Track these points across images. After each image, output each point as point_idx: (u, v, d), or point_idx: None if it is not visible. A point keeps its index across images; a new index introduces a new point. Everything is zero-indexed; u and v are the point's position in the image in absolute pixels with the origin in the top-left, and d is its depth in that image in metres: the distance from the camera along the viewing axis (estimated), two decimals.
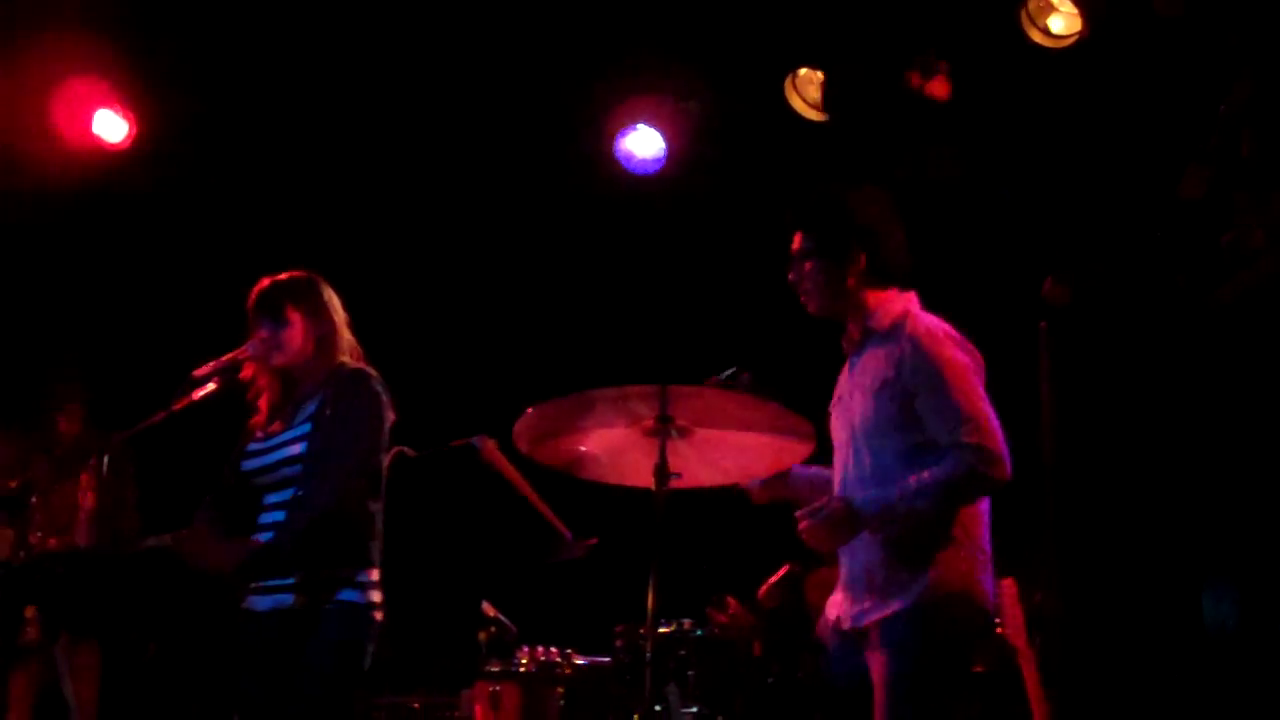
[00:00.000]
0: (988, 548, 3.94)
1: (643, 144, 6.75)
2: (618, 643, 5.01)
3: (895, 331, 3.96)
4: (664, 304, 6.69)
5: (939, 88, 5.77)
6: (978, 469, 3.75)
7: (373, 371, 4.52)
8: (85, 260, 6.89)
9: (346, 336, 4.61)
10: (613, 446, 3.76)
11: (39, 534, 5.23)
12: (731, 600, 5.08)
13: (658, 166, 6.76)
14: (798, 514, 3.90)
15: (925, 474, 3.74)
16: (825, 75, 6.30)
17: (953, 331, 3.97)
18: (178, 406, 4.55)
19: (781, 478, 4.12)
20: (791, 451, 3.80)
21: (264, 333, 4.53)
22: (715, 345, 4.69)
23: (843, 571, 4.02)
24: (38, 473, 5.59)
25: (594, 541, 4.58)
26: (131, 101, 6.66)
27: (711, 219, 6.73)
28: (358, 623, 4.38)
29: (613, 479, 3.91)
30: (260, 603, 4.40)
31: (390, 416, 4.51)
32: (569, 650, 5.12)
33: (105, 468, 4.70)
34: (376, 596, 4.43)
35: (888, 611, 3.80)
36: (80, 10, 6.23)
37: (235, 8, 6.33)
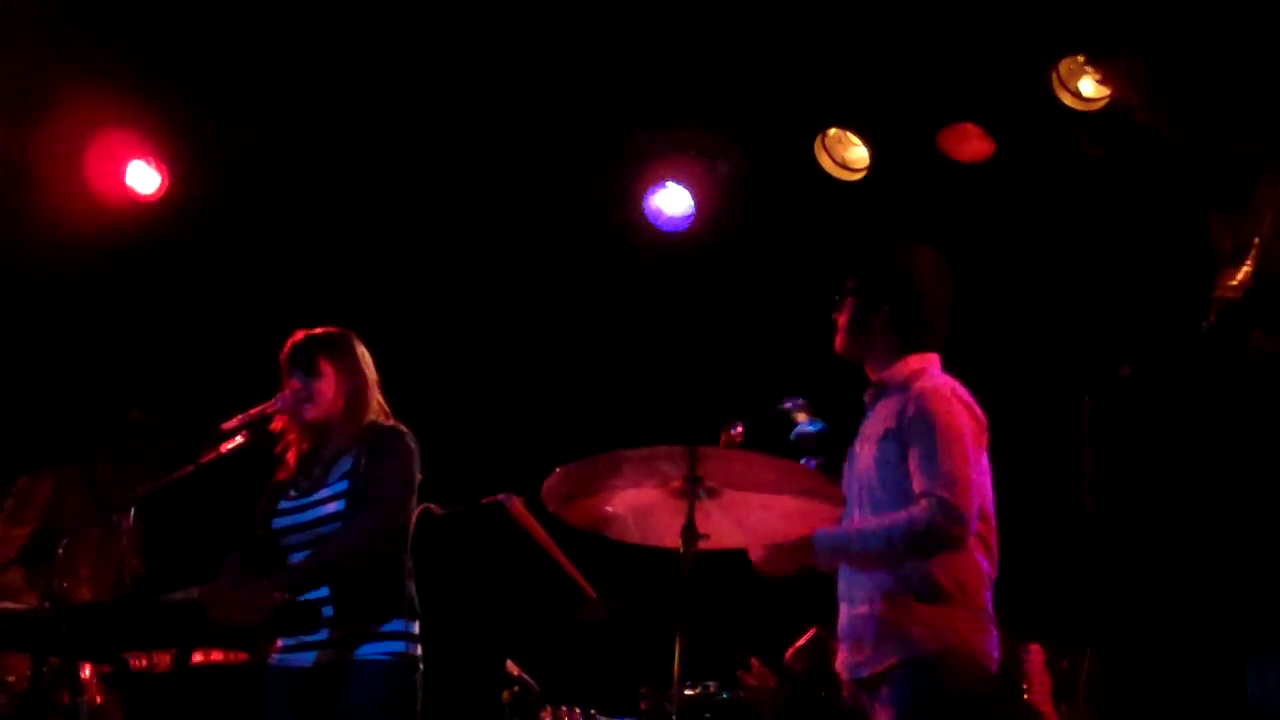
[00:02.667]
0: (988, 607, 4.01)
1: (671, 202, 6.76)
2: (642, 705, 4.97)
3: (906, 385, 4.10)
4: (693, 363, 6.68)
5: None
6: (938, 522, 3.85)
7: (406, 429, 4.53)
8: (118, 311, 6.92)
9: (376, 394, 4.62)
10: (640, 507, 3.74)
11: (66, 583, 5.22)
12: (756, 663, 5.04)
13: (686, 224, 6.76)
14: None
15: (888, 516, 3.81)
16: (864, 137, 6.33)
17: (962, 392, 4.09)
18: (205, 459, 4.56)
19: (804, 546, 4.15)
20: (821, 515, 3.78)
21: (296, 384, 4.54)
22: (744, 405, 4.66)
23: (841, 622, 4.08)
24: (73, 521, 5.61)
25: (619, 603, 4.55)
26: (164, 153, 6.70)
27: (740, 278, 6.73)
28: (401, 675, 4.35)
29: (640, 539, 3.90)
30: (296, 660, 4.38)
31: (419, 473, 4.52)
32: (593, 711, 5.09)
33: (132, 519, 4.69)
34: (418, 648, 4.40)
35: (882, 666, 3.86)
36: (112, 64, 6.28)
37: (266, 59, 6.37)
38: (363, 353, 4.67)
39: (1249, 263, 2.81)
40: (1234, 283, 2.83)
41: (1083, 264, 5.53)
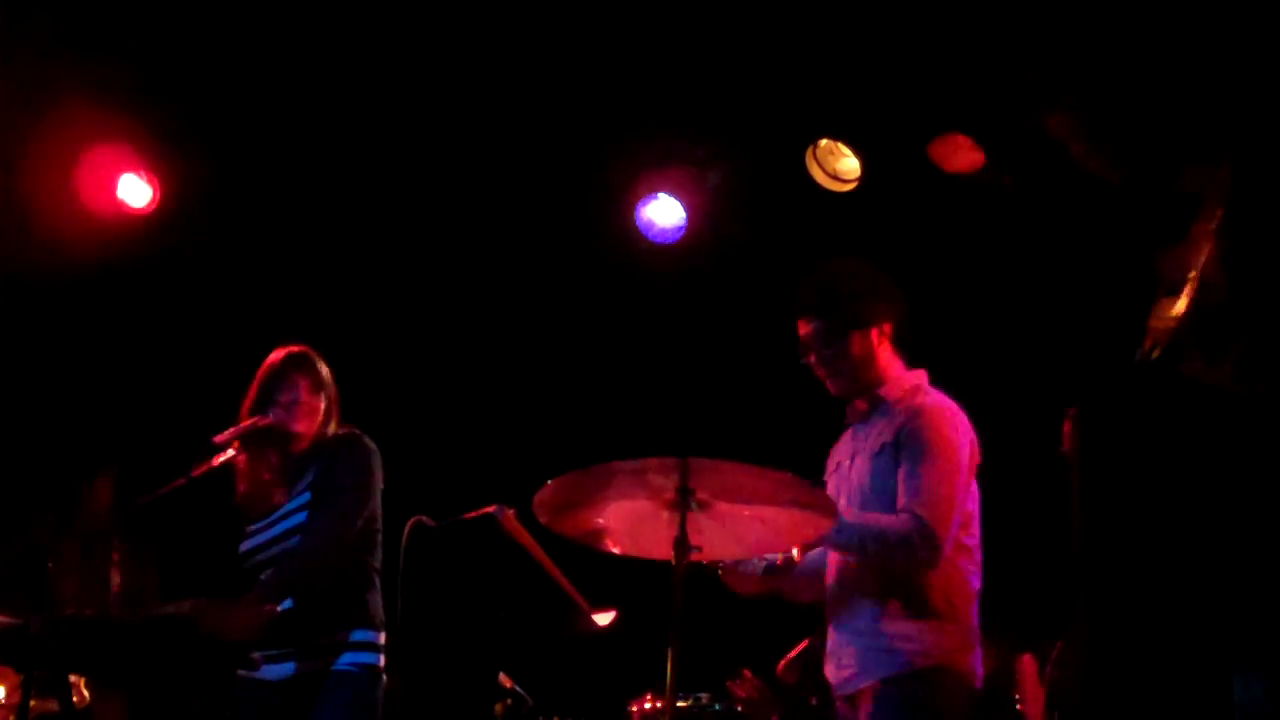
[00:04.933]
0: (975, 624, 4.00)
1: (663, 213, 6.77)
2: (635, 716, 4.97)
3: (905, 400, 4.09)
4: (685, 374, 6.69)
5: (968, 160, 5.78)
6: (913, 539, 3.86)
7: (359, 431, 4.58)
8: (110, 325, 6.91)
9: (337, 417, 4.67)
10: (633, 519, 3.74)
11: (59, 602, 5.23)
12: (748, 674, 5.04)
13: (678, 235, 6.77)
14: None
15: (869, 517, 3.82)
16: (855, 147, 6.33)
17: (959, 412, 4.08)
18: (198, 473, 4.56)
19: (786, 569, 4.16)
20: (813, 526, 3.78)
21: (304, 394, 4.55)
22: (737, 416, 4.68)
23: (830, 638, 4.08)
24: (62, 543, 5.61)
25: (614, 615, 4.55)
26: (155, 166, 6.70)
27: (731, 289, 6.73)
28: (365, 685, 4.36)
29: (632, 551, 3.90)
30: (269, 672, 4.38)
31: (380, 474, 4.55)
32: None
33: (125, 534, 4.70)
34: (381, 658, 4.41)
35: (870, 682, 3.85)
36: (104, 77, 6.28)
37: (258, 72, 6.37)
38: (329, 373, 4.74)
39: (1186, 294, 2.85)
40: (1171, 313, 2.88)
41: (1068, 275, 5.54)
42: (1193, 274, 2.84)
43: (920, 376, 4.19)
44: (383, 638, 4.45)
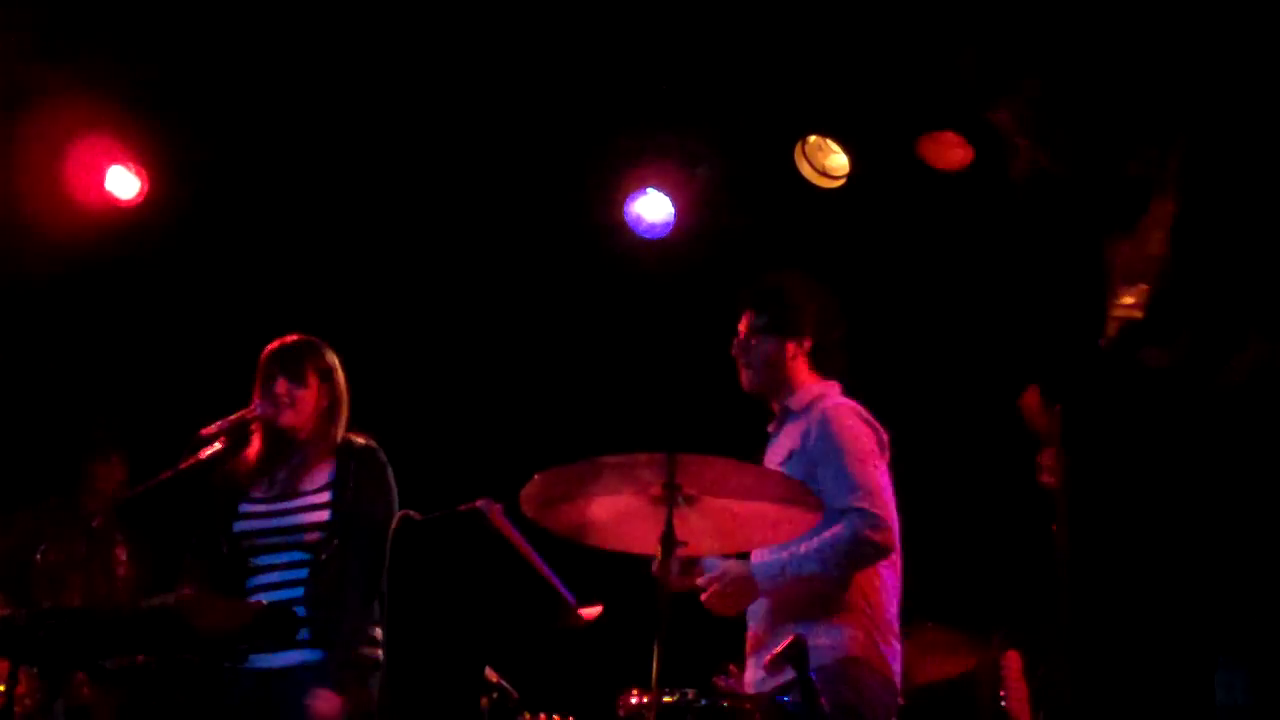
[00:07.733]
0: (891, 617, 4.14)
1: (652, 208, 6.77)
2: (621, 711, 4.97)
3: (808, 409, 4.30)
4: (672, 370, 6.69)
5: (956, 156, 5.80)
6: (863, 533, 4.02)
7: (377, 446, 4.59)
8: (98, 317, 6.90)
9: (347, 410, 4.66)
10: (619, 514, 3.75)
11: (59, 598, 5.23)
12: (735, 669, 5.04)
13: (667, 231, 6.77)
14: (700, 580, 4.18)
15: (816, 539, 3.88)
16: (843, 144, 6.34)
17: (862, 410, 4.28)
18: (184, 465, 4.56)
19: (694, 565, 4.28)
20: (799, 521, 3.80)
21: (281, 388, 4.54)
22: (724, 412, 4.68)
23: (748, 638, 4.15)
24: (56, 536, 5.61)
25: (599, 609, 4.55)
26: (143, 158, 6.68)
27: (720, 284, 6.73)
28: (368, 678, 4.38)
29: (619, 546, 3.91)
30: (266, 661, 4.38)
31: None
32: (571, 718, 5.08)
33: (107, 526, 4.70)
34: (380, 652, 4.44)
35: (782, 679, 3.90)
36: (92, 68, 6.27)
37: (246, 64, 6.36)
38: (338, 365, 4.71)
39: (1142, 283, 2.87)
40: (1130, 301, 2.90)
41: (1058, 270, 5.56)
42: (1147, 262, 2.86)
43: (830, 387, 4.39)
44: (379, 632, 4.48)
